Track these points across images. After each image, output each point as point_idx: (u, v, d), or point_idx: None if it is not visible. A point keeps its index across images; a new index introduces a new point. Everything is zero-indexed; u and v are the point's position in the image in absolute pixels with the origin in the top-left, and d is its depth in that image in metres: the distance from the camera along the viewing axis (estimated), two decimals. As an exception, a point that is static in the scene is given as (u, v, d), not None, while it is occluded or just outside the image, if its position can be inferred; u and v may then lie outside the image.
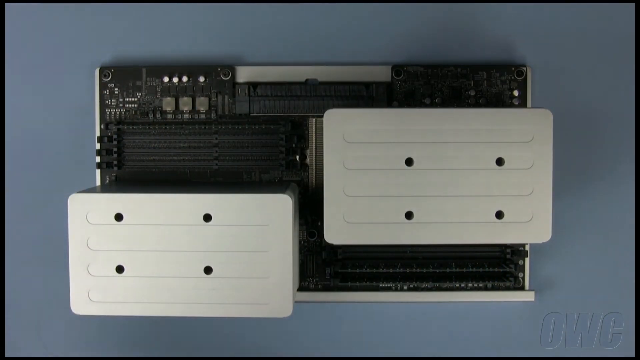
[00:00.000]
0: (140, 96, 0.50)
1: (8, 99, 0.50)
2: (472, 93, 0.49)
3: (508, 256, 0.50)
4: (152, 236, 0.40)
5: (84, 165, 0.50)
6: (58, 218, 0.49)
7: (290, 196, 0.41)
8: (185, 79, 0.49)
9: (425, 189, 0.42)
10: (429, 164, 0.42)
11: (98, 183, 0.50)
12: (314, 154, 0.50)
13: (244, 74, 0.49)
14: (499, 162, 0.42)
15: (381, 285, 0.49)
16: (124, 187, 0.46)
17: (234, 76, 0.49)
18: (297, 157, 0.49)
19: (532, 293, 0.49)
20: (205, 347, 0.52)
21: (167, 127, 0.49)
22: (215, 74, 0.49)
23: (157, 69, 0.49)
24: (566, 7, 0.50)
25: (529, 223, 0.42)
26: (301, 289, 0.50)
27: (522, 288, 0.49)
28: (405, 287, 0.50)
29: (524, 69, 0.49)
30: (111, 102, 0.50)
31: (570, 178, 0.50)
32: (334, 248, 0.49)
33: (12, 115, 0.50)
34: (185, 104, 0.49)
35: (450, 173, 0.42)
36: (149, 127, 0.49)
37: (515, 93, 0.49)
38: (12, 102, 0.50)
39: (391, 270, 0.49)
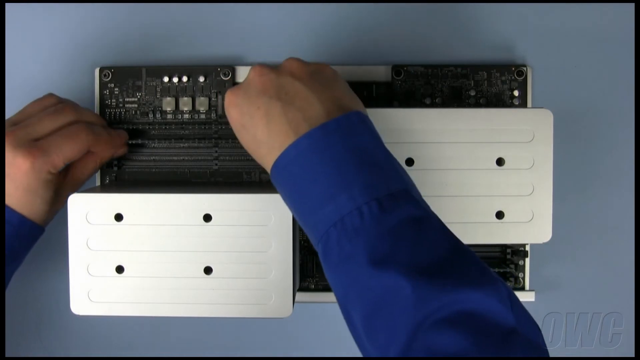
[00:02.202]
0: (140, 96, 0.49)
1: (8, 98, 0.50)
2: (472, 93, 0.49)
3: (508, 256, 0.50)
4: (152, 236, 0.40)
5: (84, 165, 0.50)
6: (58, 218, 0.49)
7: (290, 196, 0.41)
8: (185, 79, 0.49)
9: (425, 189, 0.42)
10: (429, 164, 0.42)
11: (98, 183, 0.49)
12: (314, 154, 0.49)
13: (244, 74, 0.49)
14: (499, 162, 0.42)
15: (381, 285, 0.49)
16: (124, 187, 0.46)
17: (234, 76, 0.49)
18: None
19: (533, 293, 0.49)
20: (205, 347, 0.52)
21: (167, 127, 0.49)
22: (215, 74, 0.49)
23: (157, 69, 0.49)
24: (566, 7, 0.50)
25: (529, 223, 0.42)
26: (301, 289, 0.50)
27: (522, 288, 0.49)
28: (405, 287, 0.50)
29: (524, 69, 0.49)
30: (111, 102, 0.49)
31: (570, 178, 0.50)
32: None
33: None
34: (185, 104, 0.49)
35: (450, 173, 0.42)
36: (149, 127, 0.49)
37: (516, 93, 0.49)
38: (13, 102, 0.50)
39: (391, 270, 0.49)
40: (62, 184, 0.44)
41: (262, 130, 0.36)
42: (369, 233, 0.32)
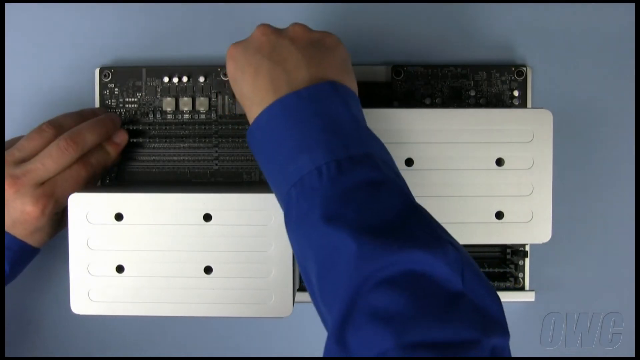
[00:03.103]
0: (140, 96, 0.50)
1: (8, 99, 0.50)
2: (472, 93, 0.49)
3: (508, 256, 0.50)
4: (152, 236, 0.40)
5: (84, 165, 0.50)
6: (58, 218, 0.49)
7: (290, 196, 0.41)
8: (185, 79, 0.49)
9: (425, 189, 0.42)
10: (429, 164, 0.42)
11: (98, 183, 0.49)
12: (314, 154, 0.49)
13: (244, 74, 0.49)
14: (499, 162, 0.42)
15: (381, 285, 0.49)
16: (124, 187, 0.46)
17: (234, 76, 0.49)
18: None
19: (532, 293, 0.49)
20: (205, 347, 0.52)
21: (167, 127, 0.49)
22: (215, 74, 0.49)
23: (157, 69, 0.49)
24: (566, 7, 0.50)
25: (529, 223, 0.42)
26: (301, 289, 0.50)
27: (522, 288, 0.49)
28: (405, 287, 0.50)
29: (524, 69, 0.49)
30: (111, 102, 0.50)
31: (570, 178, 0.50)
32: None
33: (12, 115, 0.50)
34: (185, 104, 0.49)
35: (450, 173, 0.42)
36: (149, 127, 0.49)
37: (515, 93, 0.49)
38: (13, 102, 0.50)
39: (391, 270, 0.49)
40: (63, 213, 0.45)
41: (248, 85, 0.38)
42: (325, 192, 0.33)
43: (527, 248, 0.49)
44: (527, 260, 0.49)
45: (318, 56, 0.38)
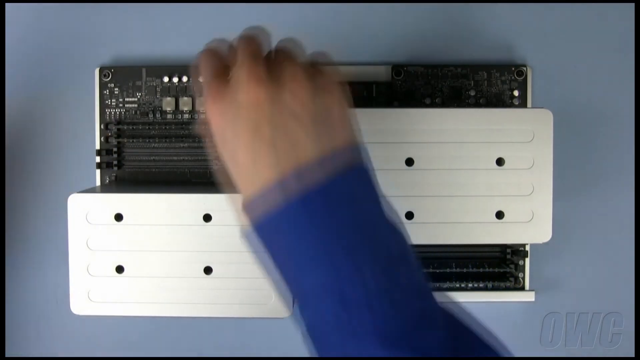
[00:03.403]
0: (140, 96, 0.50)
1: (8, 98, 0.50)
2: (472, 93, 0.49)
3: (508, 256, 0.50)
4: (152, 236, 0.40)
5: (84, 165, 0.50)
6: (58, 218, 0.49)
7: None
8: (185, 79, 0.49)
9: (425, 189, 0.42)
10: (429, 164, 0.42)
11: (98, 183, 0.49)
12: (314, 154, 0.49)
13: (244, 74, 0.49)
14: (499, 162, 0.42)
15: (381, 285, 0.49)
16: (124, 187, 0.46)
17: (234, 76, 0.49)
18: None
19: (532, 293, 0.49)
20: (206, 347, 0.52)
21: (167, 127, 0.49)
22: (215, 74, 0.49)
23: (157, 69, 0.49)
24: (566, 7, 0.50)
25: (529, 223, 0.42)
26: (301, 289, 0.50)
27: (522, 288, 0.49)
28: (405, 287, 0.50)
29: (524, 69, 0.49)
30: (111, 102, 0.49)
31: (570, 178, 0.50)
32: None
33: (12, 115, 0.50)
34: (185, 104, 0.49)
35: (450, 173, 0.42)
36: (149, 127, 0.49)
37: (515, 93, 0.49)
38: (12, 102, 0.50)
39: (391, 270, 0.49)
40: None
41: (244, 152, 0.31)
42: (374, 307, 0.29)
43: (527, 248, 0.49)
44: (527, 260, 0.49)
45: (323, 116, 0.32)
